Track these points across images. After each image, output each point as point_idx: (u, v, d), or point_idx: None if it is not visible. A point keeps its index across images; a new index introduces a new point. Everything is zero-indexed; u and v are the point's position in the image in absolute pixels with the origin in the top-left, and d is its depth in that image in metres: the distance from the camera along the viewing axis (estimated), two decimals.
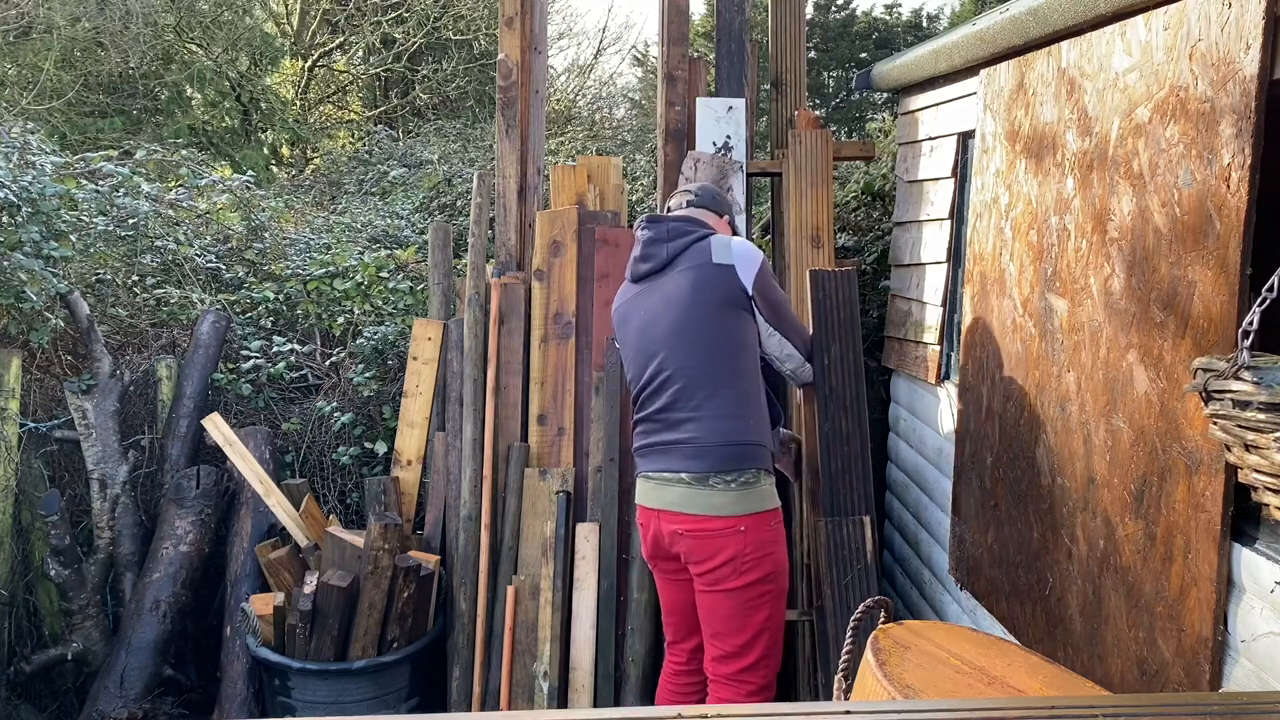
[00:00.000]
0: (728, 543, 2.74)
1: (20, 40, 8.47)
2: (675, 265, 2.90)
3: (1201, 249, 1.97)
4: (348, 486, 4.29)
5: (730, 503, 2.74)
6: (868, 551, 3.02)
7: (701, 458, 2.76)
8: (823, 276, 3.19)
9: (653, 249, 2.95)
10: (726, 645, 2.81)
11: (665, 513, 2.81)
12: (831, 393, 3.13)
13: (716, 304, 2.84)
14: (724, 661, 2.83)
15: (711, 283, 2.85)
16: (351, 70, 12.31)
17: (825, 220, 3.42)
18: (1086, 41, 2.46)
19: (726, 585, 2.76)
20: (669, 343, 2.84)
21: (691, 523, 2.76)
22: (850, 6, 14.07)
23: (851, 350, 3.14)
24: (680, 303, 2.85)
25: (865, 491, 3.10)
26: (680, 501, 2.77)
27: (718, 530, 2.74)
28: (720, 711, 1.28)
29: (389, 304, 4.81)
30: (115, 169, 4.91)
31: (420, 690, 3.60)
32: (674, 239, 2.93)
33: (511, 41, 4.00)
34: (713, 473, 2.75)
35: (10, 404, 3.81)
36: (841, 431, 3.11)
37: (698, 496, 2.75)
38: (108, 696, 3.58)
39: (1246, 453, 1.69)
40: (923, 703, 1.58)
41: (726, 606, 2.78)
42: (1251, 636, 1.87)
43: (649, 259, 2.95)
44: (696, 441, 2.77)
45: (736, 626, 2.79)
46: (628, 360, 2.99)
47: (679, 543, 2.80)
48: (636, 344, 2.93)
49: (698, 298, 2.84)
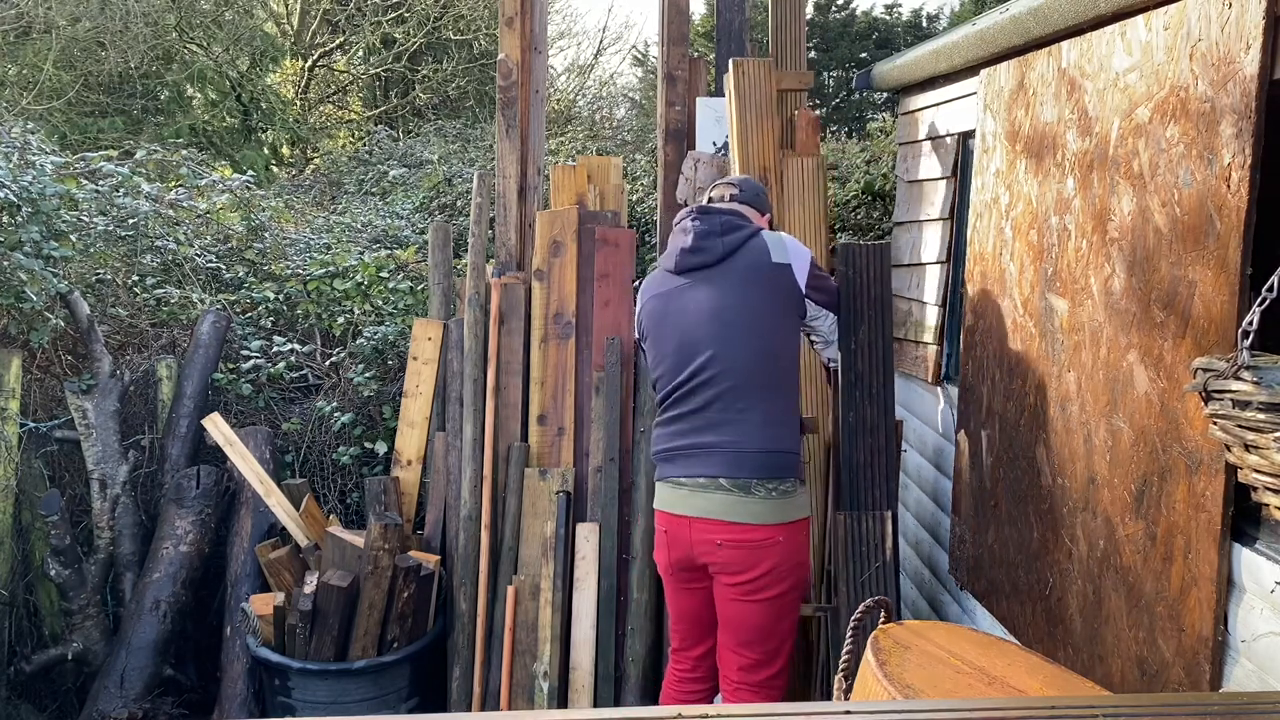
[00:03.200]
0: (768, 553, 2.65)
1: (20, 40, 8.47)
2: (730, 261, 2.77)
3: (1202, 249, 1.96)
4: (348, 486, 4.29)
5: (770, 511, 2.66)
6: (888, 549, 2.88)
7: (744, 464, 2.65)
8: (852, 251, 2.96)
9: (707, 242, 2.79)
10: (755, 653, 2.74)
11: (701, 521, 2.68)
12: (858, 379, 2.92)
13: (775, 306, 2.74)
14: (752, 670, 2.75)
15: (772, 283, 2.74)
16: (351, 70, 12.32)
17: (772, 158, 3.21)
18: (1087, 41, 2.46)
19: (762, 595, 2.68)
20: (719, 341, 2.70)
21: (733, 532, 2.64)
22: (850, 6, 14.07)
23: (881, 333, 2.92)
24: (734, 302, 2.72)
25: (889, 486, 2.94)
26: (721, 509, 2.65)
27: (759, 541, 2.64)
28: (720, 711, 1.28)
29: (389, 304, 4.81)
30: (115, 169, 4.91)
31: (420, 690, 3.60)
32: (727, 233, 2.79)
33: (511, 41, 4.00)
34: (755, 480, 2.64)
35: (10, 404, 3.81)
36: (867, 421, 2.92)
37: (739, 504, 2.65)
38: (108, 696, 3.58)
39: (1246, 453, 1.69)
40: (923, 703, 1.58)
41: (760, 616, 2.70)
42: (1252, 636, 1.87)
43: (702, 251, 2.79)
44: (740, 446, 2.66)
45: (765, 634, 2.73)
46: (660, 354, 2.83)
47: (717, 553, 2.68)
48: (676, 339, 2.77)
49: (757, 297, 2.72)
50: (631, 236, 3.85)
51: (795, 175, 3.48)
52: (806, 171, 3.48)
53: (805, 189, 3.49)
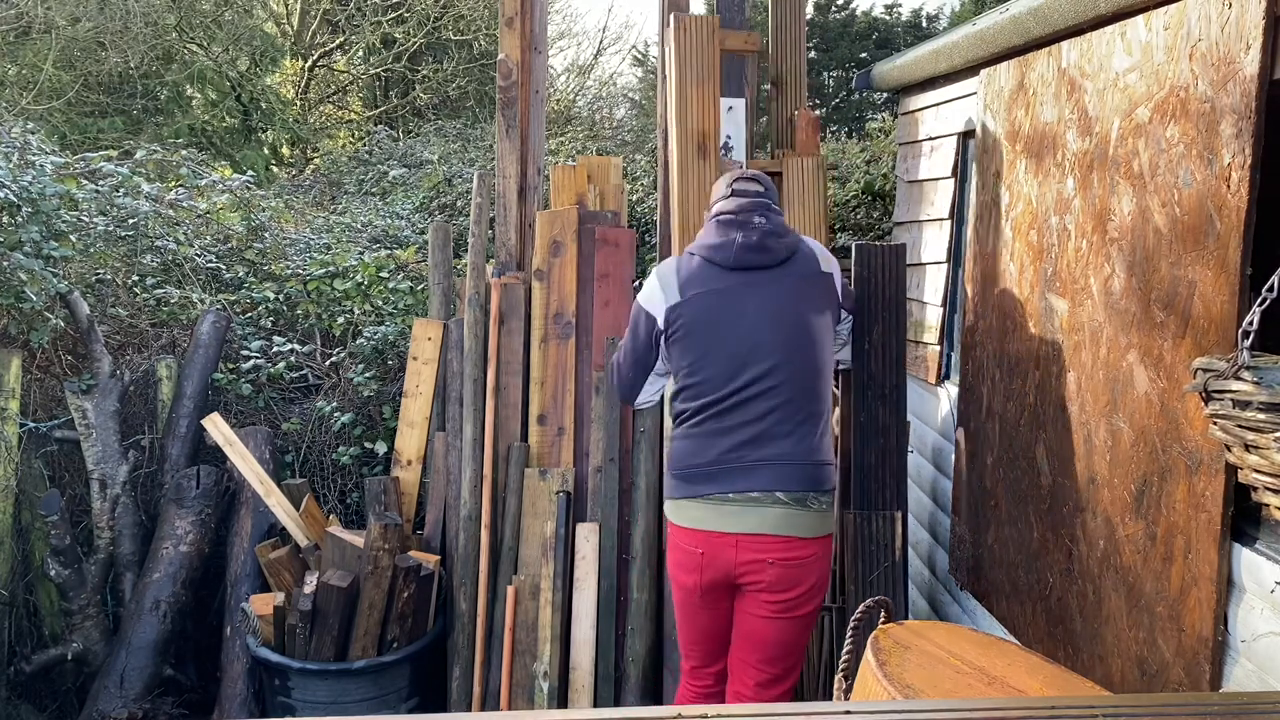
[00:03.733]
0: (814, 568, 2.59)
1: (20, 40, 8.47)
2: (787, 266, 2.64)
3: (1202, 249, 1.96)
4: (348, 486, 4.29)
5: (819, 525, 2.59)
6: (896, 549, 2.88)
7: (800, 476, 2.56)
8: (868, 252, 2.94)
9: (772, 241, 2.63)
10: (776, 669, 2.66)
11: (751, 538, 2.54)
12: (870, 380, 2.92)
13: (826, 318, 2.67)
14: (769, 685, 2.66)
15: (822, 293, 2.66)
16: (351, 70, 12.32)
17: (712, 124, 3.05)
18: (1087, 41, 2.46)
19: (799, 612, 2.61)
20: (782, 349, 2.57)
21: (785, 549, 2.54)
22: (850, 6, 14.07)
23: (895, 334, 2.92)
24: (796, 309, 2.60)
25: (898, 487, 2.93)
26: (775, 525, 2.53)
27: (808, 557, 2.57)
28: (720, 712, 1.28)
29: (389, 304, 4.81)
30: (115, 169, 4.91)
31: (420, 690, 3.60)
32: (785, 235, 2.67)
33: (511, 42, 4.00)
34: (810, 492, 2.56)
35: (10, 404, 3.81)
36: (879, 422, 2.92)
37: (795, 518, 2.54)
38: (108, 696, 3.58)
39: (1246, 453, 1.69)
40: (923, 703, 1.58)
41: (790, 632, 2.62)
42: (1252, 636, 1.87)
43: (766, 251, 2.62)
44: (795, 458, 2.56)
45: (789, 650, 2.65)
46: (702, 357, 2.62)
47: (764, 572, 2.55)
48: (730, 343, 2.59)
49: (812, 307, 2.63)
50: (631, 236, 3.85)
51: (796, 175, 3.48)
52: (807, 172, 3.47)
53: (805, 190, 3.48)
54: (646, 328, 2.73)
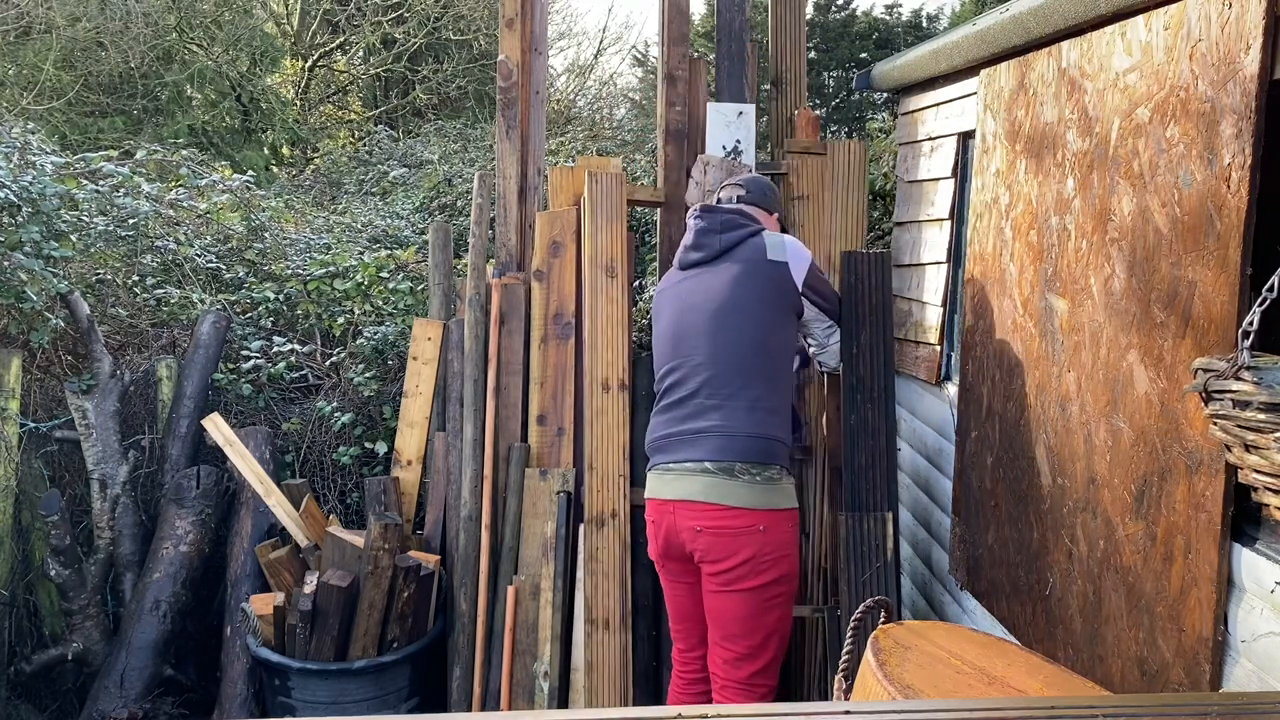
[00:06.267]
0: (747, 541, 2.68)
1: (20, 40, 8.47)
2: (726, 258, 2.88)
3: (1202, 249, 1.96)
4: (348, 486, 4.29)
5: (753, 496, 2.69)
6: (888, 549, 2.95)
7: (729, 447, 2.70)
8: (856, 258, 3.09)
9: (706, 239, 2.92)
10: (739, 648, 2.76)
11: (683, 505, 2.73)
12: (859, 383, 3.02)
13: (766, 300, 2.83)
14: (736, 665, 2.77)
15: (765, 278, 2.84)
16: (351, 70, 12.32)
17: (620, 253, 3.51)
18: (1087, 41, 2.46)
19: (742, 585, 2.70)
20: (707, 330, 2.80)
21: (712, 517, 2.68)
22: (850, 6, 14.07)
23: (882, 338, 3.04)
24: (727, 294, 2.82)
25: (889, 488, 3.01)
26: (702, 491, 2.69)
27: (739, 528, 2.68)
28: (720, 712, 1.28)
29: (389, 304, 4.81)
30: (115, 169, 4.91)
31: (420, 690, 3.60)
32: (726, 231, 2.91)
33: (512, 42, 4.00)
34: (739, 462, 2.69)
35: (10, 404, 3.81)
36: (868, 424, 3.01)
37: (721, 486, 2.68)
38: (108, 696, 3.58)
39: (1246, 453, 1.69)
40: (923, 703, 1.58)
41: (741, 607, 2.73)
42: (1252, 636, 1.87)
43: (701, 248, 2.92)
44: (724, 430, 2.71)
45: (749, 628, 2.74)
46: (657, 346, 2.95)
47: (697, 540, 2.72)
48: (671, 330, 2.90)
49: (748, 291, 2.82)
50: (631, 237, 3.85)
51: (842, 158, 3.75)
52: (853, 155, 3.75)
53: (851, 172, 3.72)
54: None
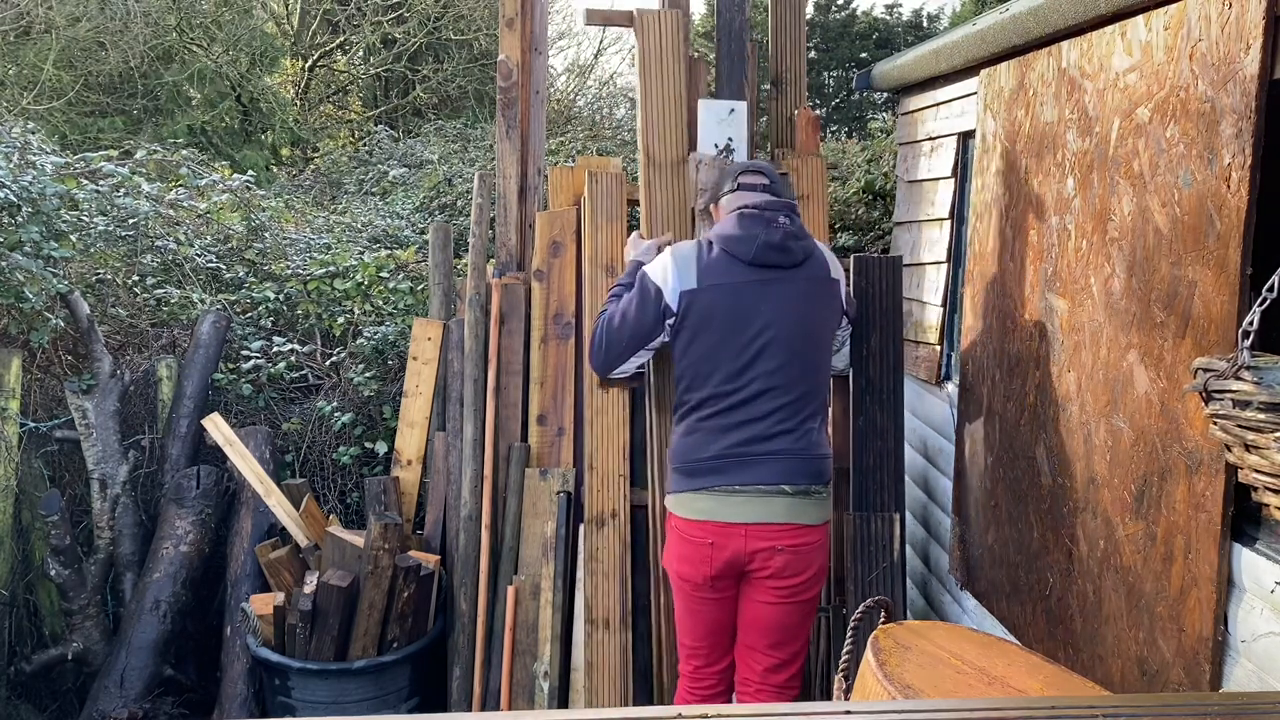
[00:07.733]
0: (818, 554, 2.75)
1: (20, 40, 8.47)
2: (803, 268, 2.73)
3: (1202, 249, 1.96)
4: (348, 486, 4.29)
5: (821, 512, 2.75)
6: (895, 549, 3.00)
7: (803, 470, 2.70)
8: (867, 262, 3.12)
9: (793, 243, 2.71)
10: (784, 654, 2.78)
11: (760, 527, 2.66)
12: (869, 385, 3.06)
13: (829, 323, 2.83)
14: (778, 670, 2.79)
15: (830, 297, 2.81)
16: (351, 70, 12.32)
17: (619, 253, 3.52)
18: (1087, 41, 2.46)
19: (804, 596, 2.74)
20: (794, 347, 2.68)
21: (793, 536, 2.67)
22: (850, 6, 14.07)
23: (893, 341, 3.08)
24: (804, 312, 2.72)
25: (897, 489, 3.06)
26: (783, 514, 2.67)
27: (814, 543, 2.72)
28: (720, 712, 1.28)
29: (389, 304, 4.81)
30: (115, 169, 4.91)
31: (420, 690, 3.60)
32: (803, 239, 2.76)
33: (512, 42, 4.00)
34: (812, 484, 2.71)
35: (10, 404, 3.81)
36: (877, 425, 3.05)
37: (797, 506, 2.69)
38: (108, 696, 3.58)
39: (1246, 453, 1.69)
40: (923, 703, 1.58)
41: (794, 616, 2.75)
42: (1252, 636, 1.87)
43: (788, 251, 2.70)
44: (799, 453, 2.70)
45: (795, 634, 2.79)
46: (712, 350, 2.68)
47: (774, 558, 2.67)
48: (743, 339, 2.66)
49: (820, 311, 2.78)
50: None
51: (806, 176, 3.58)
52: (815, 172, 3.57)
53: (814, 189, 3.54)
54: (655, 303, 2.77)
